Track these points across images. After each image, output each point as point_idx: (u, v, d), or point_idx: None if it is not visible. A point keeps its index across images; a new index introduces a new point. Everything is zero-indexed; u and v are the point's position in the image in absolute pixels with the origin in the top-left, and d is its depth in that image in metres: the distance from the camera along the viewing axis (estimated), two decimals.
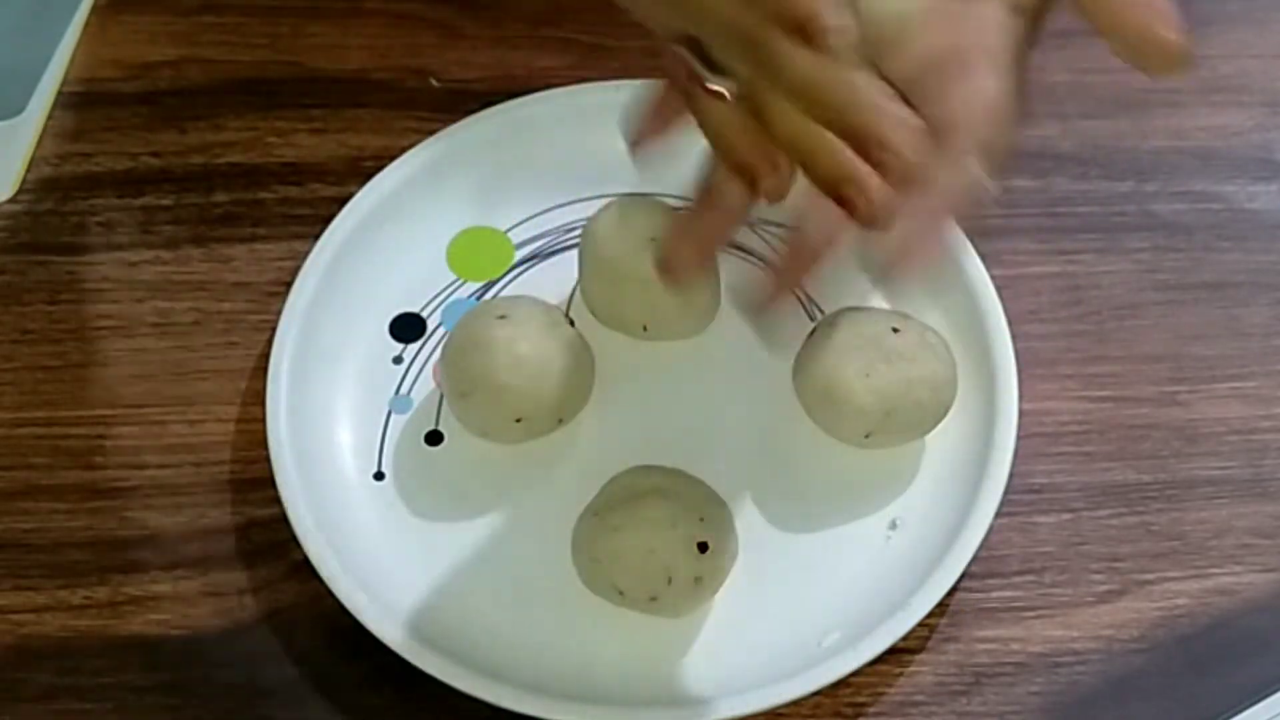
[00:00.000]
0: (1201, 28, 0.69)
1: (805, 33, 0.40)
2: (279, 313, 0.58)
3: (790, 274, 0.49)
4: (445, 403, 0.58)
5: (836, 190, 0.42)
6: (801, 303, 0.61)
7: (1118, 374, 0.61)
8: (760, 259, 0.62)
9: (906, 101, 0.43)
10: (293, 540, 0.54)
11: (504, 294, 0.61)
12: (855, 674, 0.52)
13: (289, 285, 0.59)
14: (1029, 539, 0.57)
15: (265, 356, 0.58)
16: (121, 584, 0.56)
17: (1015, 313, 0.59)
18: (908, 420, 0.55)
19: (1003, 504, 0.55)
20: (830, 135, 0.41)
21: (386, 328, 0.61)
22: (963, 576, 0.54)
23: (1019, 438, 0.56)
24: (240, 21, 0.69)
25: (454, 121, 0.63)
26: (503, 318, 0.56)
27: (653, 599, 0.52)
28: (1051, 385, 0.60)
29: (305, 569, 0.54)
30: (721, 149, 0.45)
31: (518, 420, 0.56)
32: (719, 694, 0.52)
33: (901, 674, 0.54)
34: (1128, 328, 0.62)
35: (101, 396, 0.60)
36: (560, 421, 0.57)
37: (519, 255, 0.62)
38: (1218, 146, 0.66)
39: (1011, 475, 0.55)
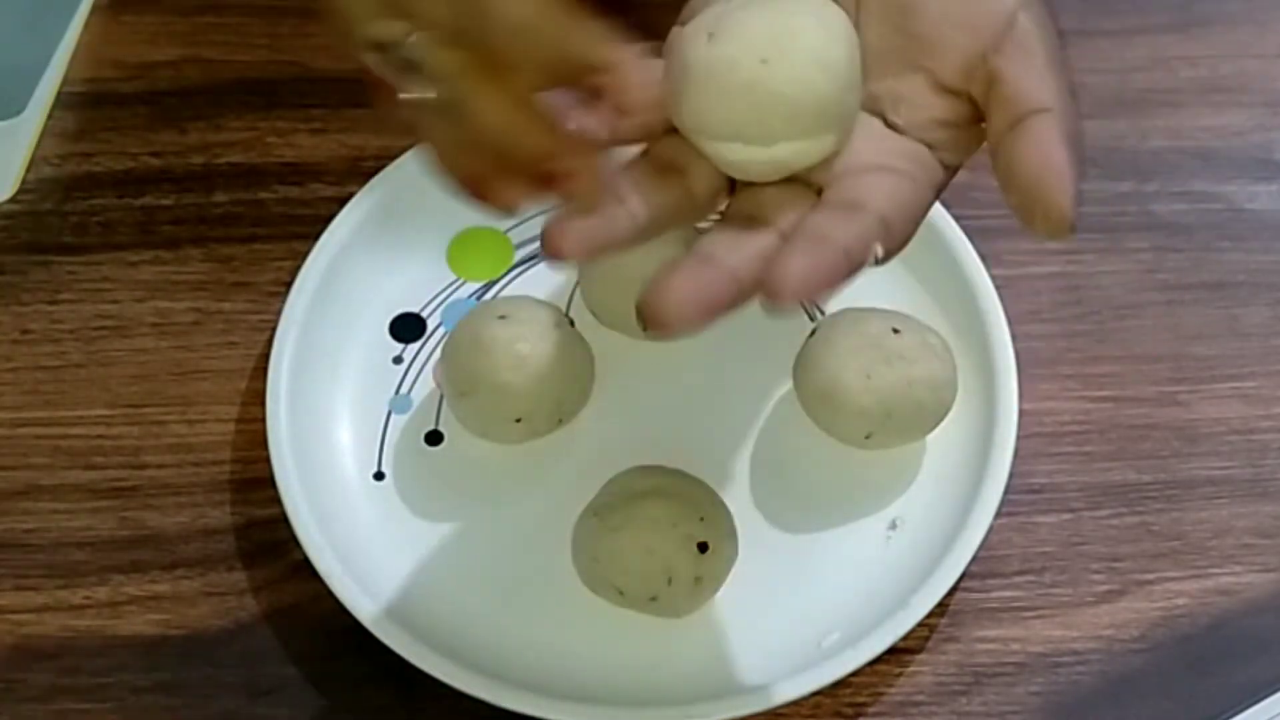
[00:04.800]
0: (1201, 28, 0.70)
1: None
2: (279, 313, 0.58)
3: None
4: (445, 403, 0.58)
5: (548, 165, 0.41)
6: (802, 303, 0.61)
7: (1118, 374, 0.61)
8: None
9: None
10: (293, 540, 0.54)
11: (504, 294, 0.61)
12: (855, 674, 0.52)
13: (289, 285, 0.59)
14: (1029, 539, 0.57)
15: (265, 356, 0.58)
16: (121, 584, 0.56)
17: (1015, 313, 0.59)
18: (908, 421, 0.55)
19: (1003, 504, 0.55)
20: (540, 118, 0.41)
21: (386, 328, 0.61)
22: (963, 576, 0.54)
23: (1019, 438, 0.56)
24: (240, 21, 0.69)
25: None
26: (503, 318, 0.56)
27: (653, 599, 0.52)
28: (1051, 385, 0.60)
29: (305, 569, 0.54)
30: (449, 165, 0.43)
31: (518, 420, 0.56)
32: (719, 694, 0.52)
33: (901, 674, 0.54)
34: (1128, 328, 0.62)
35: (101, 396, 0.60)
36: (560, 421, 0.57)
37: (519, 255, 0.62)
38: (1218, 146, 0.66)
39: (1011, 475, 0.55)
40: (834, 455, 0.57)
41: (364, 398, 0.59)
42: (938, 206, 0.60)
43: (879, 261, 0.42)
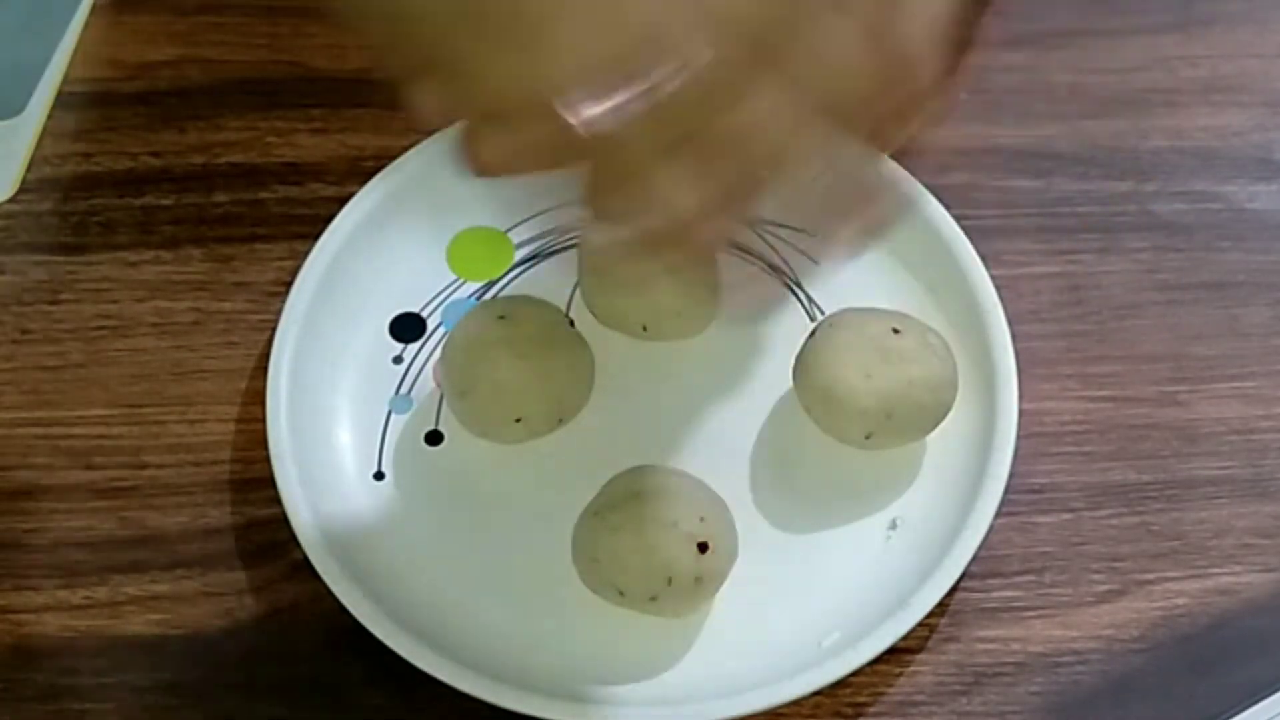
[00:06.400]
0: (1201, 28, 0.70)
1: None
2: (279, 313, 0.58)
3: None
4: (445, 403, 0.58)
5: None
6: (801, 303, 0.61)
7: (1118, 374, 0.61)
8: (760, 259, 0.62)
9: None
10: (293, 540, 0.54)
11: (504, 294, 0.61)
12: (855, 674, 0.52)
13: (289, 285, 0.59)
14: (1029, 539, 0.57)
15: (265, 356, 0.58)
16: (121, 584, 0.56)
17: (1015, 313, 0.59)
18: (908, 421, 0.55)
19: (1003, 504, 0.55)
20: None
21: (386, 328, 0.61)
22: (963, 576, 0.54)
23: (1019, 438, 0.56)
24: (240, 21, 0.69)
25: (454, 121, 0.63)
26: (503, 318, 0.56)
27: (653, 599, 0.52)
28: (1051, 385, 0.60)
29: (305, 569, 0.54)
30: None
31: (518, 420, 0.56)
32: (719, 694, 0.52)
33: (901, 674, 0.54)
34: (1128, 328, 0.62)
35: (101, 396, 0.59)
36: (560, 421, 0.57)
37: (519, 255, 0.62)
38: (1218, 146, 0.66)
39: (1011, 475, 0.55)
40: (834, 455, 0.57)
41: (364, 398, 0.59)
42: (937, 206, 0.61)
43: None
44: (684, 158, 0.37)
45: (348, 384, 0.59)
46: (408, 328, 0.61)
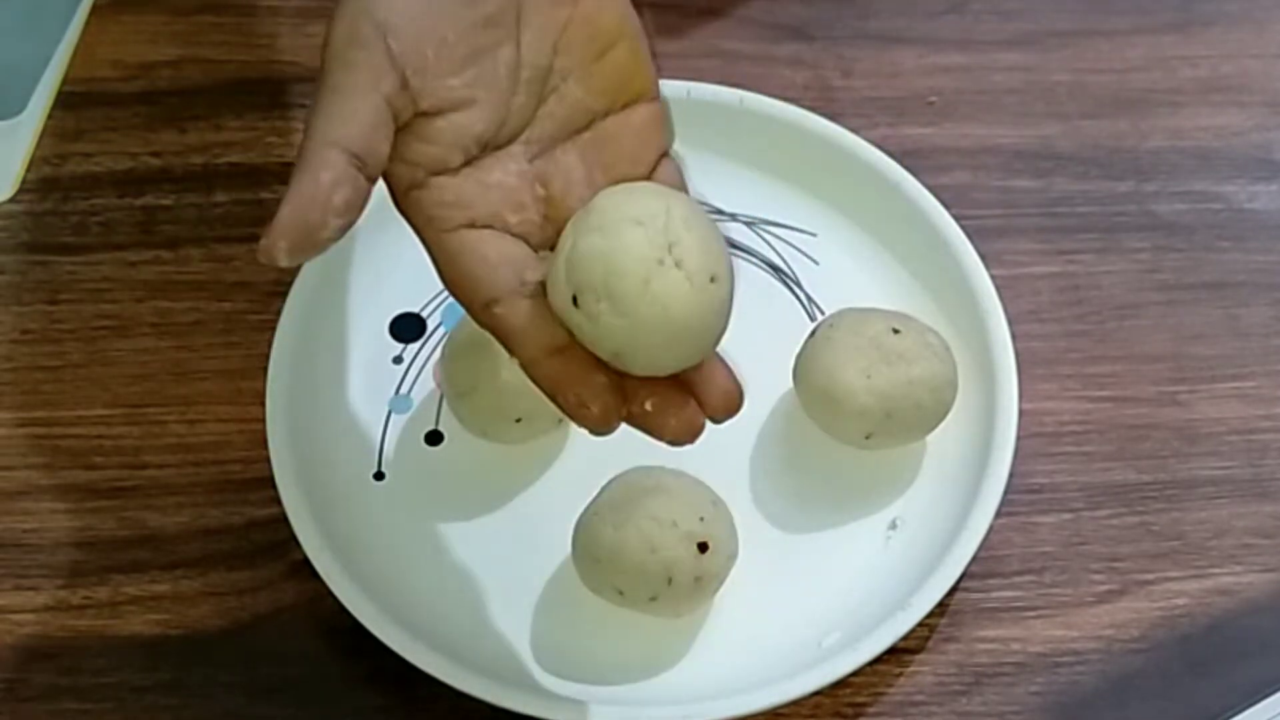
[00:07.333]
0: (1201, 28, 0.70)
1: None
2: (279, 313, 0.58)
3: None
4: (445, 403, 0.58)
5: None
6: (802, 303, 0.61)
7: (1118, 374, 0.61)
8: (761, 259, 0.62)
9: None
10: (293, 540, 0.54)
11: None
12: (855, 674, 0.52)
13: (289, 285, 0.59)
14: (1029, 539, 0.57)
15: (265, 356, 0.58)
16: (121, 584, 0.56)
17: (1015, 313, 0.59)
18: (908, 421, 0.55)
19: (1003, 504, 0.55)
20: None
21: (386, 328, 0.61)
22: (963, 576, 0.54)
23: (1019, 438, 0.56)
24: (240, 21, 0.69)
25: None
26: None
27: (653, 599, 0.52)
28: (1051, 385, 0.60)
29: (305, 569, 0.54)
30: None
31: (518, 420, 0.56)
32: (719, 694, 0.52)
33: (901, 674, 0.54)
34: (1128, 328, 0.62)
35: (101, 396, 0.59)
36: (560, 421, 0.57)
37: None
38: (1218, 146, 0.66)
39: (1011, 475, 0.55)
40: (834, 455, 0.57)
41: (364, 398, 0.59)
42: (937, 206, 0.61)
43: None
44: None
45: (348, 384, 0.59)
46: (408, 328, 0.61)
